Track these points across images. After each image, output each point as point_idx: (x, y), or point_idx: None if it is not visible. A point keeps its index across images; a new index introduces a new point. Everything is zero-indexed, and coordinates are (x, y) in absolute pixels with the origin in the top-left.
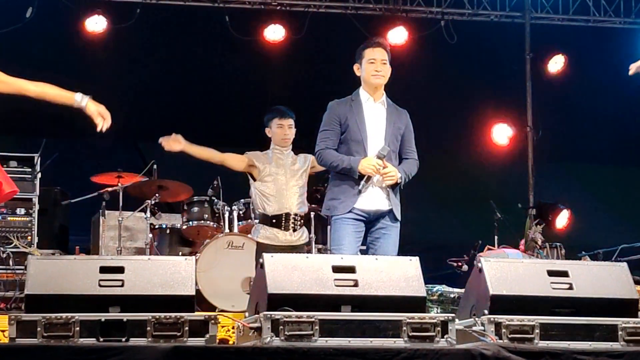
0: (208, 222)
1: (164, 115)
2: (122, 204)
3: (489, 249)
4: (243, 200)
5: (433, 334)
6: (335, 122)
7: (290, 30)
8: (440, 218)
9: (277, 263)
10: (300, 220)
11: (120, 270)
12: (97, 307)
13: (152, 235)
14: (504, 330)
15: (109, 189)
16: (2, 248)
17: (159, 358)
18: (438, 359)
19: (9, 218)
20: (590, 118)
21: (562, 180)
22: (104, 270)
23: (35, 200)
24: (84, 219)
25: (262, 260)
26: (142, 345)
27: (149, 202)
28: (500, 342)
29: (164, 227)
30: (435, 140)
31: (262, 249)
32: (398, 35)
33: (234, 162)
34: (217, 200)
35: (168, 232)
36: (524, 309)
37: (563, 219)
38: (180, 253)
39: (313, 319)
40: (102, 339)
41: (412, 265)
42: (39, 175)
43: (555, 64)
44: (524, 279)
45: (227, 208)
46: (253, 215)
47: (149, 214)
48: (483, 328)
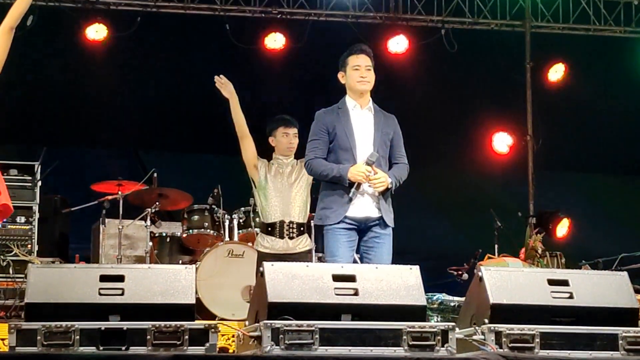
0: (208, 230)
1: (165, 124)
2: (122, 212)
3: (489, 258)
4: (243, 209)
5: (433, 343)
6: (323, 131)
7: (291, 39)
8: (441, 227)
9: (277, 272)
10: (299, 228)
11: (121, 279)
12: (97, 315)
13: (152, 244)
14: (505, 339)
15: (109, 197)
16: (2, 256)
17: None
18: None
19: (9, 226)
20: (591, 127)
21: (562, 189)
22: (104, 279)
23: (36, 209)
24: (84, 227)
25: (262, 269)
26: (142, 354)
27: (149, 210)
28: (501, 351)
29: (164, 235)
30: (436, 149)
31: (261, 258)
32: (398, 44)
33: (250, 148)
34: (217, 209)
35: (168, 240)
36: (525, 318)
37: (563, 228)
38: (181, 261)
39: (313, 328)
40: (102, 348)
41: (412, 274)
42: (39, 184)
43: (556, 73)
44: (525, 288)
45: (227, 216)
46: (253, 224)
47: (149, 223)
48: (483, 337)
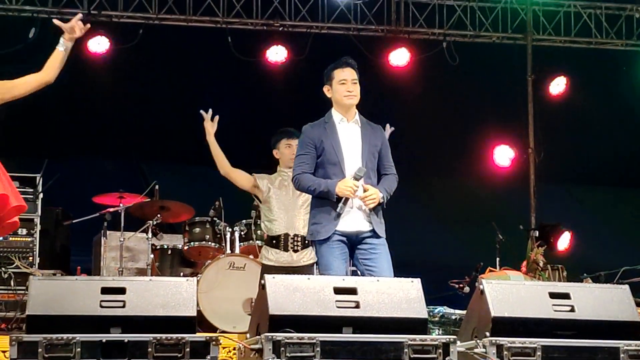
0: (209, 242)
1: (166, 136)
2: (123, 225)
3: (491, 271)
4: (245, 221)
5: (434, 356)
6: (311, 145)
7: (293, 52)
8: (442, 239)
9: (278, 284)
10: (304, 241)
11: (122, 291)
12: (98, 327)
13: (153, 256)
14: (506, 353)
15: (111, 210)
16: (3, 268)
17: None
18: None
19: (11, 238)
20: (592, 140)
21: (564, 202)
22: (106, 291)
23: (37, 221)
24: (86, 240)
25: (263, 282)
26: None
27: (151, 222)
28: None
29: (166, 247)
30: (437, 162)
31: (266, 271)
32: (400, 57)
33: (239, 178)
34: (218, 221)
35: (169, 252)
36: (526, 331)
37: (565, 241)
38: (182, 274)
39: (314, 341)
40: None
41: (413, 287)
42: (41, 196)
43: (557, 86)
44: (526, 301)
45: (228, 229)
46: (254, 236)
47: (151, 235)
48: (485, 350)
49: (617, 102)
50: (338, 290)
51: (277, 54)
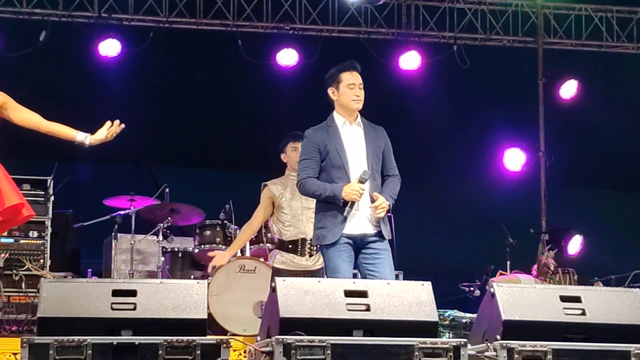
0: (220, 245)
1: (177, 139)
2: (134, 227)
3: (501, 274)
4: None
5: (445, 359)
6: (314, 150)
7: (303, 55)
8: (453, 243)
9: (289, 287)
10: (317, 245)
11: (133, 294)
12: (109, 330)
13: (164, 259)
14: (517, 356)
15: (122, 213)
16: (14, 271)
17: None
18: None
19: (22, 241)
20: (603, 143)
21: (574, 206)
22: (117, 294)
23: (48, 223)
24: (96, 242)
25: (274, 284)
26: None
27: (161, 225)
28: None
29: (176, 250)
30: (448, 165)
31: (278, 274)
32: (411, 60)
33: (264, 214)
34: (229, 224)
35: (180, 255)
36: (537, 335)
37: (575, 245)
38: (192, 276)
39: (325, 344)
40: None
41: (424, 290)
42: (52, 199)
43: (568, 89)
44: (537, 305)
45: (238, 232)
46: (265, 240)
47: (161, 238)
48: (495, 353)
49: (628, 105)
50: (349, 293)
51: (287, 57)
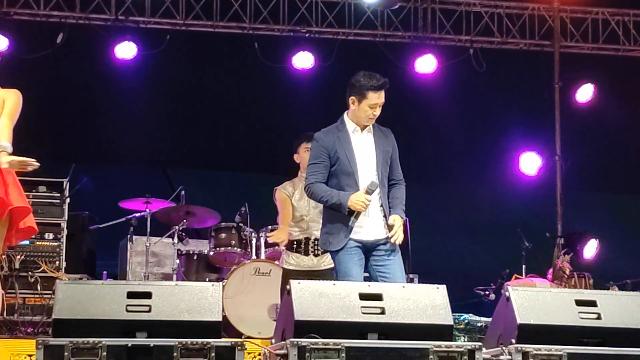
0: (235, 248)
1: (193, 142)
2: (149, 230)
3: (517, 278)
4: (270, 227)
5: None
6: (324, 154)
7: (319, 58)
8: (468, 246)
9: (304, 290)
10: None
11: (148, 296)
12: (124, 332)
13: (179, 261)
14: None
15: (137, 215)
16: (30, 272)
17: None
18: None
19: (38, 243)
20: (619, 147)
21: (590, 210)
22: (132, 296)
23: (64, 225)
24: (112, 244)
25: (289, 287)
26: None
27: (177, 228)
28: None
29: (191, 253)
30: (463, 169)
31: (287, 275)
32: (427, 63)
33: (289, 215)
34: (244, 227)
35: (195, 258)
36: (552, 339)
37: (591, 249)
38: (207, 279)
39: (340, 347)
40: None
41: (439, 294)
42: (68, 200)
43: (584, 93)
44: (552, 309)
45: (254, 235)
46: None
47: (177, 240)
48: (510, 357)
49: None
50: (363, 296)
51: (303, 60)
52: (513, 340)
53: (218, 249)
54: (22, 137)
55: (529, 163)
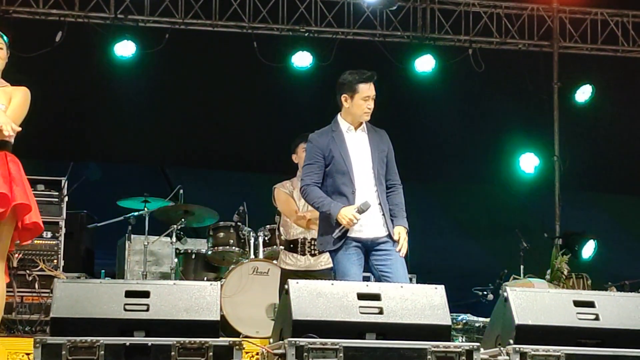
0: (233, 247)
1: (191, 141)
2: (148, 229)
3: (515, 279)
4: (269, 226)
5: None
6: (319, 155)
7: (318, 57)
8: (466, 246)
9: (302, 289)
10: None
11: (146, 295)
12: (122, 331)
13: (177, 260)
14: None
15: (135, 214)
16: (28, 271)
17: None
18: None
19: (36, 241)
20: (618, 148)
21: (588, 210)
22: (130, 295)
23: (62, 224)
24: (110, 243)
25: (287, 287)
26: None
27: (175, 227)
28: None
29: (190, 252)
30: (462, 169)
31: (284, 275)
32: (426, 63)
33: (291, 203)
34: (242, 226)
35: (193, 257)
36: (550, 339)
37: (589, 249)
38: (206, 278)
39: (337, 346)
40: None
41: (437, 294)
42: (66, 199)
43: (583, 94)
44: (550, 309)
45: (252, 234)
46: (278, 242)
47: (175, 239)
48: (508, 358)
49: None
50: (361, 296)
51: (302, 60)
52: (511, 341)
53: (216, 248)
54: (20, 135)
55: (528, 163)
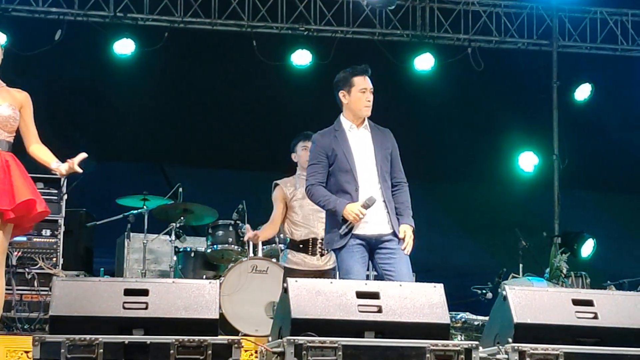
0: (233, 246)
1: (190, 139)
2: (147, 227)
3: (514, 277)
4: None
5: None
6: (322, 155)
7: (317, 56)
8: (465, 245)
9: (301, 288)
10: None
11: (145, 293)
12: (121, 329)
13: (176, 258)
14: (528, 359)
15: (135, 212)
16: (27, 269)
17: None
18: None
19: (35, 239)
20: (617, 147)
21: (587, 209)
22: (129, 293)
23: (61, 222)
24: (109, 241)
25: (286, 285)
26: None
27: (174, 225)
28: None
29: (189, 250)
30: (461, 167)
31: (289, 274)
32: (425, 62)
33: (282, 213)
34: (242, 224)
35: (192, 255)
36: (549, 338)
37: (588, 248)
38: (205, 276)
39: (336, 345)
40: None
41: (436, 292)
42: (65, 197)
43: (582, 93)
44: (549, 308)
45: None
46: (277, 240)
47: (174, 237)
48: (507, 356)
49: None
50: (360, 295)
51: (301, 58)
52: (510, 339)
53: (215, 247)
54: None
55: (527, 162)
